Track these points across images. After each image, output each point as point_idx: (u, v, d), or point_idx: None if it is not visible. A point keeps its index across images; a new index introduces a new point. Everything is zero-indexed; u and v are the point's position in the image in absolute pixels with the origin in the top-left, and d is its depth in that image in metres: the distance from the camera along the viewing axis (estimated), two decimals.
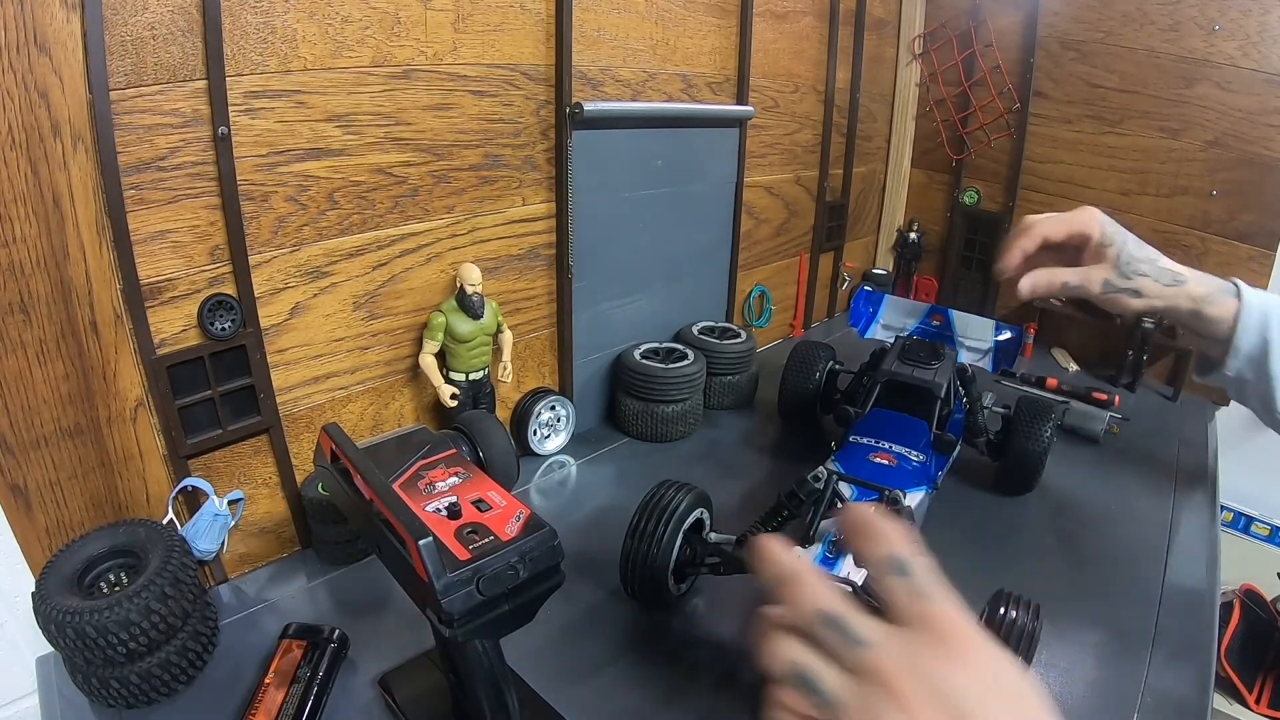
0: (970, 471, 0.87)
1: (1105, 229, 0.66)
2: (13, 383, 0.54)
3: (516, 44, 0.78)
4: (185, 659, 0.54)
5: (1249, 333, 0.64)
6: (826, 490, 0.59)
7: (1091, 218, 0.67)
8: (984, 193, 1.42)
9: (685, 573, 0.63)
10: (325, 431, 0.47)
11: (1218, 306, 0.65)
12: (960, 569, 0.70)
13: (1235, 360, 0.65)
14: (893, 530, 0.34)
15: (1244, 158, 1.12)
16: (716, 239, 1.14)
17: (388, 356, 0.77)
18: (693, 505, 0.62)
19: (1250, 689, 1.17)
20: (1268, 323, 0.64)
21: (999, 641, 0.37)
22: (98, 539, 0.55)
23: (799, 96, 1.21)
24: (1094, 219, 0.67)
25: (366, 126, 0.68)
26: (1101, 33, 1.22)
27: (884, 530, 0.34)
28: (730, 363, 1.03)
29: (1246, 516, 1.32)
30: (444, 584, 0.36)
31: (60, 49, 0.50)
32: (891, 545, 0.33)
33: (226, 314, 0.62)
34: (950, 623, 0.31)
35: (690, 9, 0.96)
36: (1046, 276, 0.68)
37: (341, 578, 0.70)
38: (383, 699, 0.55)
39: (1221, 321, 0.65)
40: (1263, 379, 0.64)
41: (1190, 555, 0.76)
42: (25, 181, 0.51)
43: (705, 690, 0.57)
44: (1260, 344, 0.64)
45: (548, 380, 0.95)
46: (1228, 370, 0.66)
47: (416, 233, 0.75)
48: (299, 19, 0.62)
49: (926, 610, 0.31)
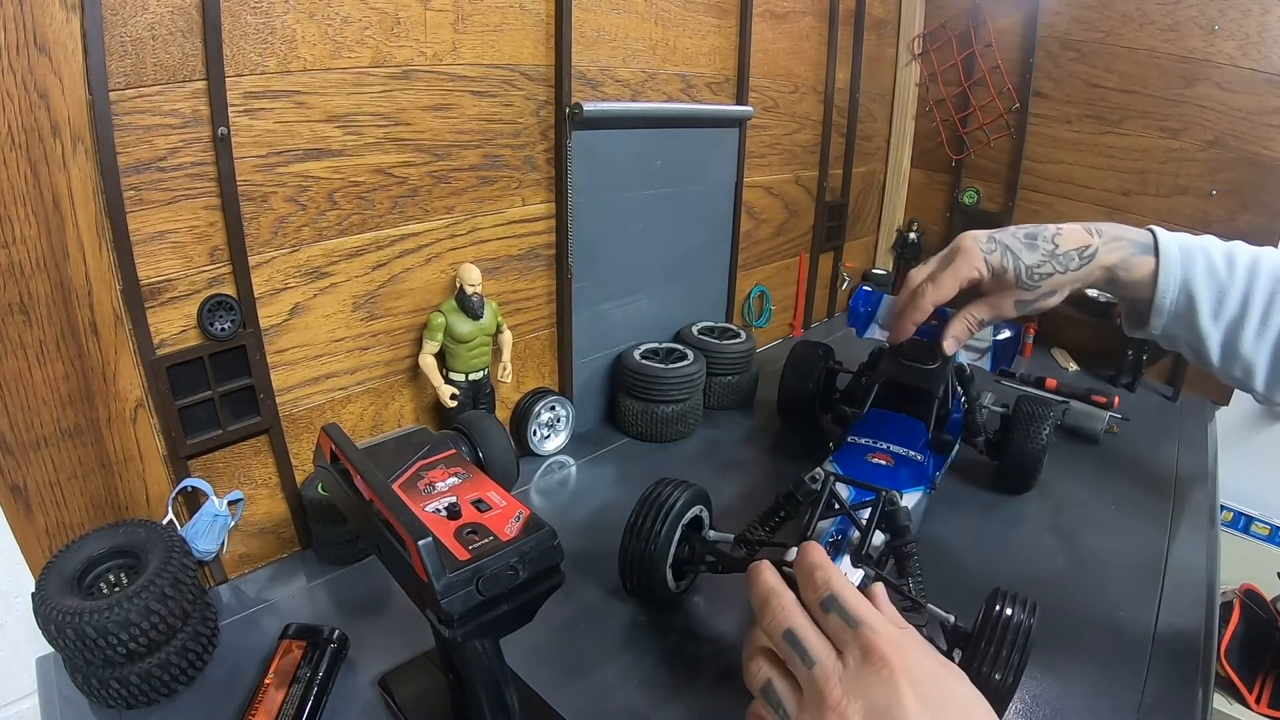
0: (969, 471, 0.87)
1: (990, 262, 0.63)
2: (13, 383, 0.54)
3: (516, 44, 0.78)
4: (185, 659, 0.54)
5: (1169, 291, 0.60)
6: (824, 491, 0.59)
7: (972, 261, 0.63)
8: (984, 193, 1.42)
9: (684, 570, 0.64)
10: (325, 432, 0.47)
11: (1133, 270, 0.61)
12: (960, 569, 0.70)
13: (1159, 319, 0.61)
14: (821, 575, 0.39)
15: (1244, 158, 1.12)
16: (716, 239, 1.14)
17: (387, 357, 0.77)
18: (690, 502, 0.62)
19: (1250, 689, 1.17)
20: (1189, 278, 0.60)
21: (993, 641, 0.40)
22: (98, 539, 0.55)
23: (799, 96, 1.21)
24: (976, 261, 0.63)
25: (366, 127, 0.68)
26: (1101, 33, 1.22)
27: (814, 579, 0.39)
28: (730, 363, 1.03)
29: (1246, 516, 1.32)
30: (444, 584, 0.36)
31: (60, 49, 0.50)
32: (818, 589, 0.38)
33: (226, 314, 0.63)
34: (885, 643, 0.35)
35: (690, 9, 0.96)
36: (961, 325, 0.66)
37: (341, 578, 0.70)
38: (383, 699, 0.55)
39: (1140, 283, 0.62)
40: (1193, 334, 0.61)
41: (1190, 555, 0.76)
42: (25, 182, 0.51)
43: (705, 689, 0.57)
44: (1185, 300, 0.60)
45: (547, 380, 0.95)
46: (1153, 329, 0.62)
47: (416, 233, 0.75)
48: (299, 19, 0.62)
49: (861, 637, 0.36)
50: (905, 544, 0.58)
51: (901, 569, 0.58)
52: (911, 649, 0.35)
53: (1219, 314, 0.59)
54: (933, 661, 0.36)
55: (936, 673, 0.35)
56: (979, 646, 0.48)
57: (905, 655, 0.35)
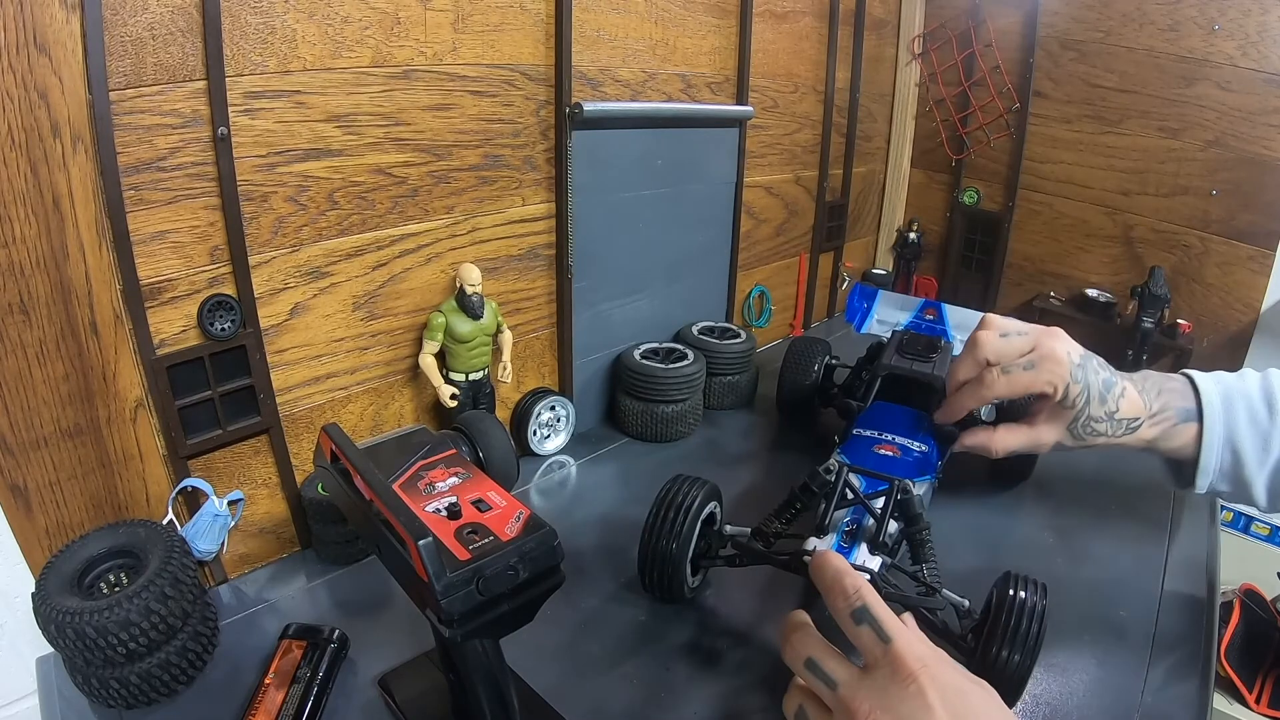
0: (966, 465, 0.87)
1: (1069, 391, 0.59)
2: (13, 383, 0.54)
3: (516, 44, 0.78)
4: (185, 659, 0.54)
5: (1214, 452, 0.60)
6: (838, 482, 0.60)
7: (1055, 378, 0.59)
8: (984, 192, 1.42)
9: (699, 565, 0.64)
10: (325, 432, 0.47)
11: (1175, 439, 0.61)
12: (959, 569, 0.70)
13: (1204, 479, 0.60)
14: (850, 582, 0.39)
15: (1244, 158, 1.12)
16: (716, 239, 1.14)
17: (387, 357, 0.77)
18: (707, 498, 0.63)
19: (1250, 689, 1.17)
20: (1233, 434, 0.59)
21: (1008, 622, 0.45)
22: (98, 539, 0.55)
23: (799, 96, 1.21)
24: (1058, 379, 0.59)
25: (366, 127, 0.68)
26: (1101, 33, 1.22)
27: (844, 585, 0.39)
28: (730, 363, 1.03)
29: (1246, 516, 1.32)
30: (444, 584, 0.36)
31: (60, 49, 0.50)
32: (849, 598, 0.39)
33: (226, 314, 0.62)
34: (914, 659, 0.35)
35: (690, 9, 0.96)
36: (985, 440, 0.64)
37: (341, 578, 0.70)
38: (383, 699, 0.55)
39: (1183, 448, 0.61)
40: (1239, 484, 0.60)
41: (1190, 555, 0.76)
42: (25, 182, 0.51)
43: (706, 689, 0.57)
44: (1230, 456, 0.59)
45: (548, 380, 0.95)
46: (1198, 489, 0.62)
47: (416, 233, 0.75)
48: (298, 19, 0.62)
49: (890, 651, 0.36)
50: (918, 531, 0.59)
51: (916, 555, 0.59)
52: (941, 665, 0.36)
53: (1264, 460, 0.58)
54: (962, 678, 0.36)
55: (965, 688, 0.35)
56: (994, 627, 0.49)
57: (934, 671, 0.35)
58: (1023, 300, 1.40)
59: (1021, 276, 1.41)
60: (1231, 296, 1.18)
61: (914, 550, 0.59)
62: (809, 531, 0.59)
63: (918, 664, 0.35)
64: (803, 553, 0.56)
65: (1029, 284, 1.40)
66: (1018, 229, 1.39)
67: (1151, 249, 1.24)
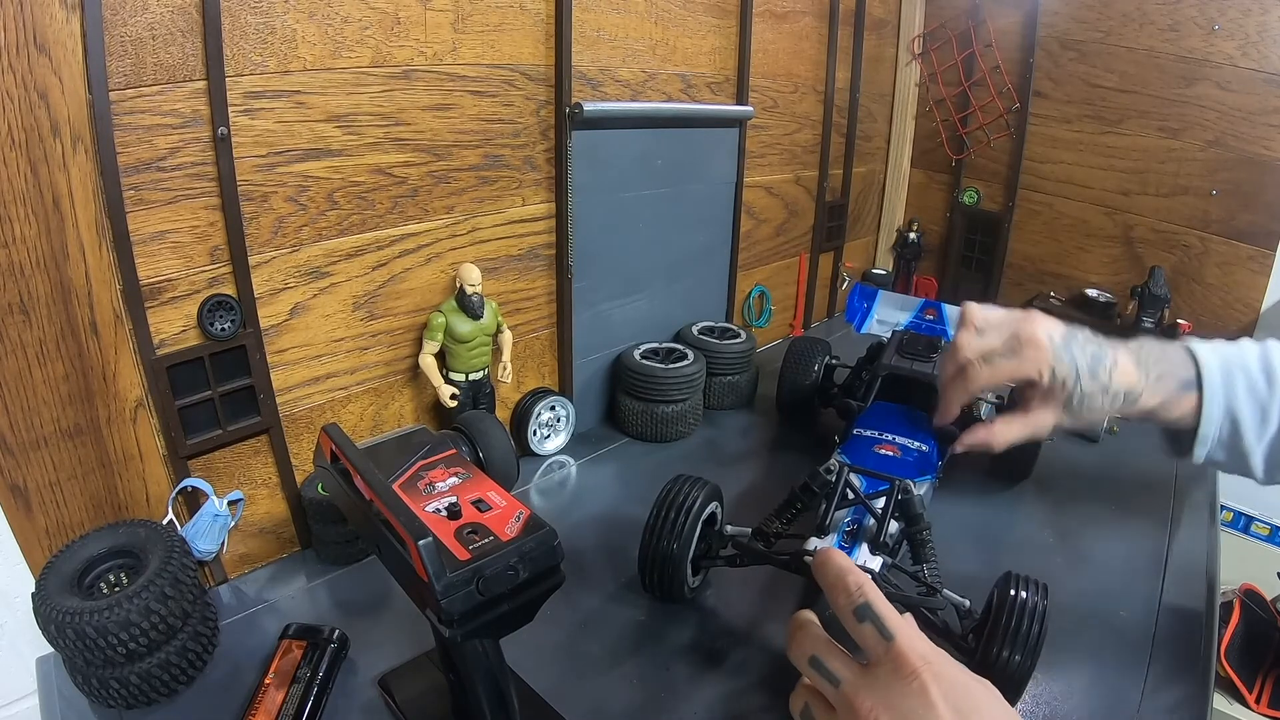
0: (966, 464, 0.87)
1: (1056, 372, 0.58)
2: (13, 383, 0.54)
3: (516, 44, 0.78)
4: (185, 659, 0.54)
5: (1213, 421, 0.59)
6: (839, 482, 0.60)
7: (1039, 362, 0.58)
8: (984, 192, 1.42)
9: (700, 565, 0.64)
10: (325, 432, 0.47)
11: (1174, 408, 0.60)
12: (960, 569, 0.70)
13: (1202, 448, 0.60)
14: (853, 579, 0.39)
15: (1244, 158, 1.12)
16: (716, 239, 1.14)
17: (387, 357, 0.77)
18: (708, 499, 0.63)
19: (1250, 689, 1.17)
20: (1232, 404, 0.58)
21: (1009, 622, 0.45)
22: (98, 539, 0.55)
23: (799, 96, 1.21)
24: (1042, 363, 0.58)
25: (366, 127, 0.68)
26: (1101, 33, 1.22)
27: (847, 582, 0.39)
28: (730, 363, 1.03)
29: (1246, 516, 1.32)
30: (444, 584, 0.36)
31: (60, 49, 0.50)
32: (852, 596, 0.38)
33: (226, 314, 0.62)
34: (916, 655, 0.35)
35: (690, 9, 0.96)
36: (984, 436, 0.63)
37: (341, 578, 0.70)
38: (383, 699, 0.55)
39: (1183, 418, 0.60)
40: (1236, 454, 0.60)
41: (1190, 555, 0.76)
42: (25, 182, 0.51)
43: (706, 689, 0.57)
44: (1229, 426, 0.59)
45: (548, 380, 0.95)
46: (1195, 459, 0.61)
47: (416, 233, 0.75)
48: (298, 19, 0.62)
49: (892, 648, 0.36)
50: (919, 531, 0.59)
51: (916, 555, 0.59)
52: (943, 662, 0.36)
53: (1263, 432, 0.58)
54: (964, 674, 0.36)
55: (968, 685, 0.35)
56: (995, 627, 0.49)
57: (936, 668, 0.35)
58: (1023, 300, 1.40)
59: (1021, 276, 1.41)
60: (1231, 296, 1.18)
61: (914, 550, 0.59)
62: (809, 531, 0.59)
63: (920, 661, 0.35)
64: (803, 553, 0.56)
65: (1029, 284, 1.40)
66: (1018, 229, 1.39)
67: (1151, 249, 1.24)
